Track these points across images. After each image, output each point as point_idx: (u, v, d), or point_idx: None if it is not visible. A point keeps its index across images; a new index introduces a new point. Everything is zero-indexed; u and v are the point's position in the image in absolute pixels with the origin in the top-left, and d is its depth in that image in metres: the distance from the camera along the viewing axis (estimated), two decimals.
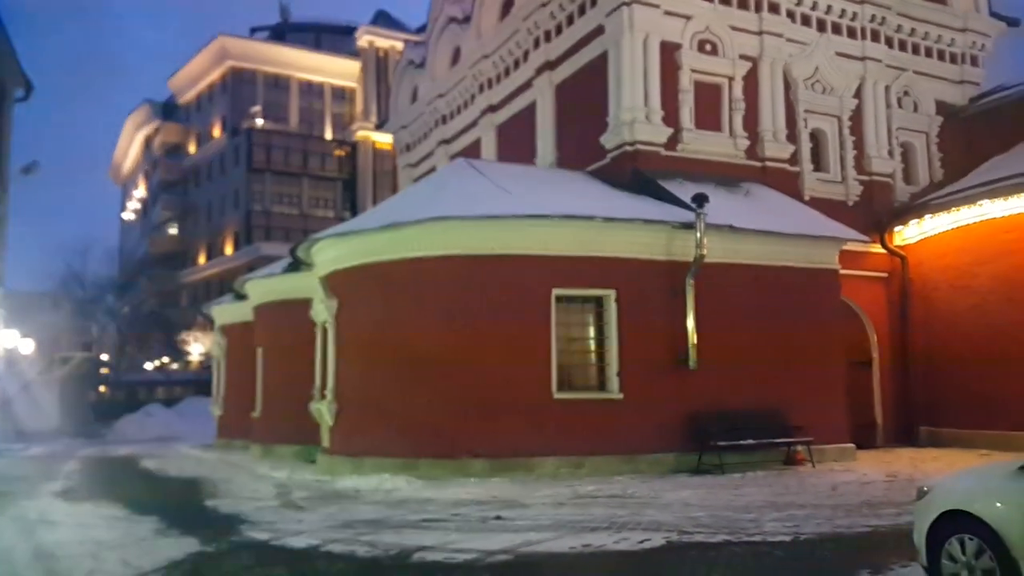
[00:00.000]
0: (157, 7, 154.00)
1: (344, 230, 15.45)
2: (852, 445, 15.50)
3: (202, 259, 55.92)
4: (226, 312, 23.62)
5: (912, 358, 18.36)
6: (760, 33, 17.96)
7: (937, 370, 17.76)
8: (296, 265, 17.09)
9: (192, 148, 59.28)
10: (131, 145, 70.24)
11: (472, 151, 23.03)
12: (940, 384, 17.64)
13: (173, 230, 60.14)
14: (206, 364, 42.78)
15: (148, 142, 64.96)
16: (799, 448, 14.47)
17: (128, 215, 72.40)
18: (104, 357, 54.62)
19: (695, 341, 14.06)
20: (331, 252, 15.06)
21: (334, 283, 14.95)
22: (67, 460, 20.22)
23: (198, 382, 42.39)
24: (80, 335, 57.58)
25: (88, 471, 17.64)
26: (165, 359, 51.13)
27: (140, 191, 68.00)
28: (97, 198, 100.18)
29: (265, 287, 19.84)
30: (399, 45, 45.88)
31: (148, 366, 51.51)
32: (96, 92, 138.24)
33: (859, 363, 17.92)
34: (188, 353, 48.44)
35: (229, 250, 52.60)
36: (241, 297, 21.56)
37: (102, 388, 49.18)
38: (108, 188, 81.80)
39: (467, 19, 23.45)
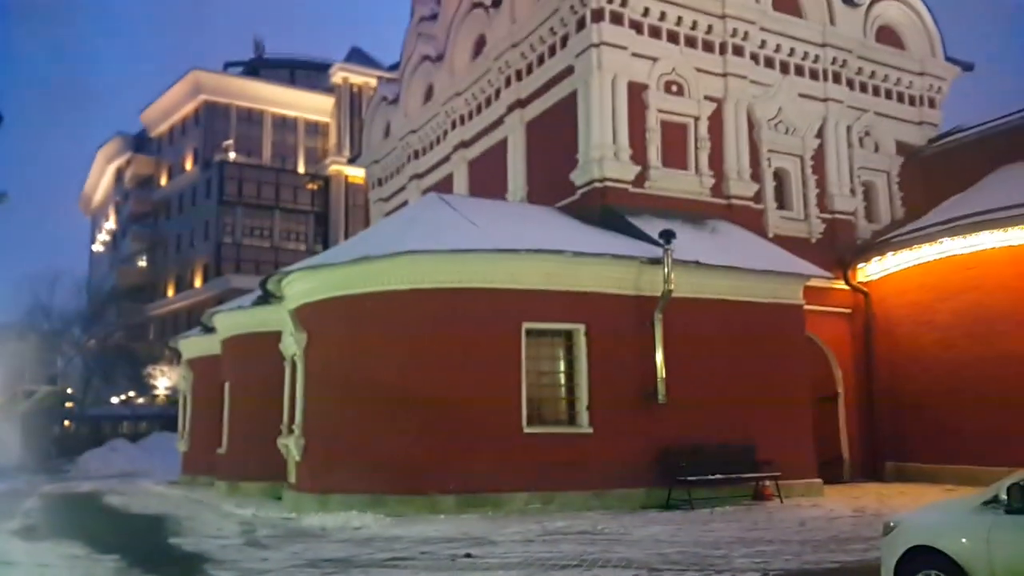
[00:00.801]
0: (133, 40, 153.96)
1: (315, 263, 15.46)
2: (819, 480, 15.64)
3: (171, 292, 55.33)
4: (193, 345, 23.37)
5: (877, 393, 18.65)
6: (724, 75, 18.45)
7: (902, 405, 18.04)
8: (266, 298, 17.00)
9: (163, 180, 58.96)
10: (102, 177, 69.71)
11: (444, 186, 23.20)
12: (905, 419, 17.91)
13: (142, 262, 59.55)
14: (173, 398, 42.10)
15: (119, 174, 64.53)
16: (767, 483, 14.58)
17: (97, 247, 71.59)
18: (69, 391, 53.53)
19: (664, 375, 14.18)
20: (302, 285, 15.04)
21: (304, 316, 14.91)
22: (28, 497, 19.73)
23: (164, 417, 41.70)
24: (45, 368, 56.41)
25: (49, 508, 17.22)
26: (131, 393, 50.24)
27: (110, 223, 67.37)
28: (67, 229, 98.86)
29: (233, 320, 19.69)
30: (373, 82, 46.27)
31: (114, 400, 50.57)
32: (68, 123, 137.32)
33: (825, 398, 18.18)
34: (155, 387, 47.65)
35: (198, 283, 52.13)
36: (209, 330, 21.36)
37: (66, 422, 48.14)
38: (78, 220, 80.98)
39: (440, 58, 23.78)
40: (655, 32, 17.80)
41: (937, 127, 21.80)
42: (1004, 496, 5.23)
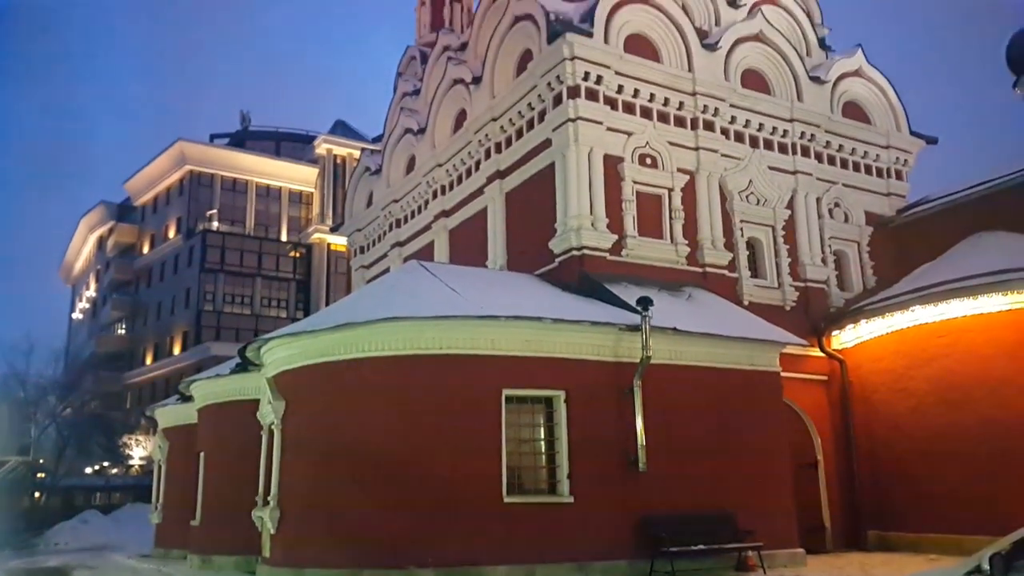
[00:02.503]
0: (121, 110, 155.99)
1: (296, 330, 15.49)
2: (802, 550, 15.51)
3: (149, 359, 54.79)
4: (170, 414, 23.11)
5: (857, 460, 18.67)
6: (697, 149, 19.03)
7: (882, 472, 18.07)
8: (244, 366, 16.96)
9: (146, 249, 59.02)
10: (84, 245, 69.67)
11: (425, 254, 23.47)
12: (886, 487, 17.93)
13: (121, 330, 59.10)
14: (148, 469, 41.25)
15: (101, 243, 64.55)
16: (750, 554, 14.47)
17: (77, 315, 71.04)
18: (41, 461, 52.26)
19: (644, 443, 14.16)
20: (281, 352, 15.04)
21: (282, 384, 14.87)
22: None
23: (138, 487, 40.78)
24: (17, 438, 55.08)
25: None
26: (106, 463, 49.16)
27: (90, 291, 67.04)
28: (46, 298, 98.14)
29: (211, 388, 19.56)
30: (356, 153, 46.99)
31: (88, 470, 49.41)
32: (51, 191, 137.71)
33: (805, 466, 18.17)
34: (130, 457, 46.73)
35: (177, 350, 51.71)
36: (186, 399, 21.18)
37: (37, 494, 46.87)
38: (58, 288, 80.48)
39: (422, 130, 24.36)
40: (629, 108, 18.41)
41: (904, 198, 22.47)
42: (986, 566, 5.23)
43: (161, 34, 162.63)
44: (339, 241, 44.54)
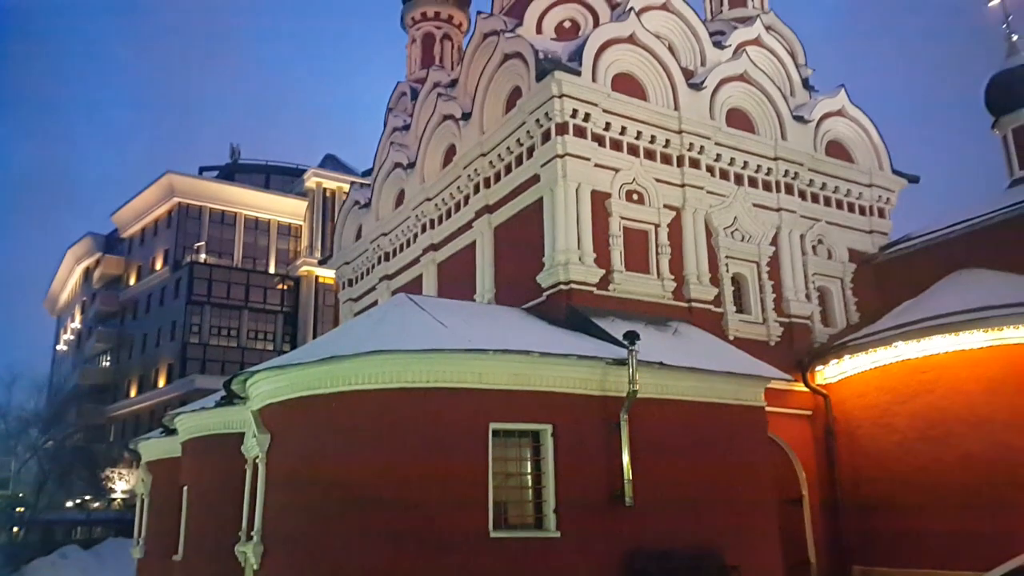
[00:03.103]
0: (111, 142, 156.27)
1: (282, 363, 15.46)
2: None
3: (134, 392, 54.29)
4: (153, 447, 22.89)
5: (842, 495, 18.69)
6: (683, 185, 19.31)
7: (867, 508, 18.05)
8: (229, 399, 16.88)
9: (132, 280, 58.81)
10: (70, 277, 69.36)
11: (414, 287, 23.55)
12: (870, 522, 17.90)
13: (106, 362, 58.61)
14: (130, 503, 40.68)
15: (87, 274, 64.29)
16: None
17: (61, 347, 70.45)
18: (20, 495, 51.43)
19: (631, 477, 14.13)
20: (267, 385, 14.99)
21: (267, 417, 14.82)
22: None
23: (120, 522, 40.19)
24: None
25: None
26: (87, 497, 48.41)
27: (75, 323, 66.60)
28: (30, 329, 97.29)
29: (195, 421, 19.42)
30: (345, 187, 47.35)
31: (68, 504, 48.62)
32: (38, 222, 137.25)
33: (790, 501, 18.19)
34: (112, 491, 46.06)
35: (162, 382, 51.29)
36: (170, 432, 21.02)
37: (15, 529, 46.05)
38: (42, 319, 79.86)
39: (412, 165, 24.59)
40: (616, 145, 18.70)
41: (887, 235, 22.80)
42: None
43: (153, 66, 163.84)
44: (327, 274, 44.63)
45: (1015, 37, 25.76)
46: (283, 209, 57.39)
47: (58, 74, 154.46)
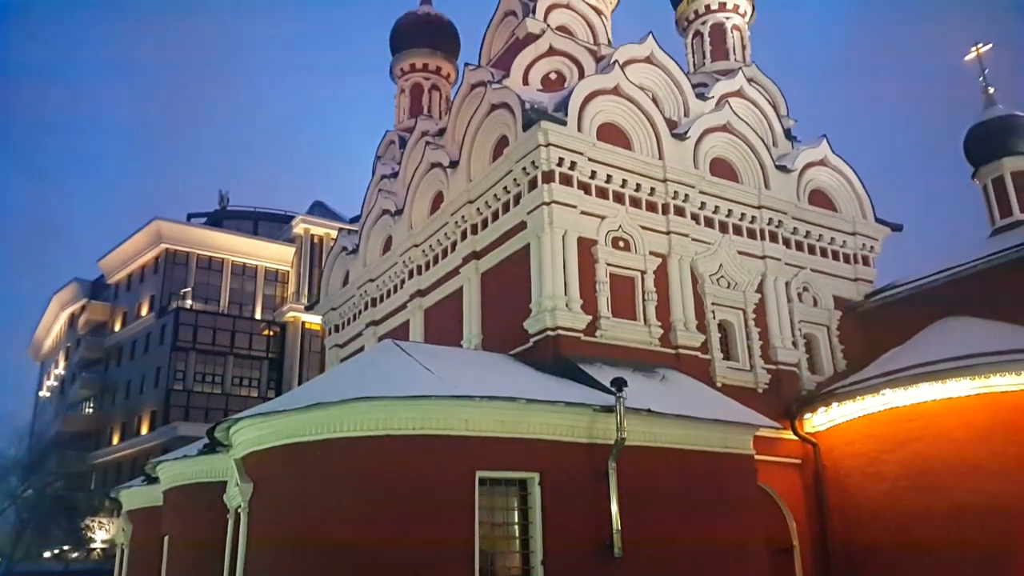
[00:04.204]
0: (97, 187, 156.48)
1: (266, 410, 15.27)
2: None
3: (116, 439, 53.47)
4: (135, 496, 22.46)
5: (832, 545, 18.46)
6: (668, 233, 19.48)
7: (857, 558, 17.85)
8: (212, 447, 16.62)
9: (117, 326, 58.36)
10: (55, 323, 68.82)
11: (400, 332, 23.47)
12: (862, 572, 17.70)
13: (89, 409, 57.80)
14: (110, 553, 39.73)
15: (73, 320, 63.81)
16: None
17: (44, 393, 69.53)
18: None
19: (619, 527, 13.97)
20: (250, 433, 14.79)
21: (250, 465, 14.58)
22: None
23: (100, 573, 39.16)
24: None
25: None
26: (66, 547, 47.24)
27: (59, 369, 65.88)
28: (13, 375, 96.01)
29: (178, 469, 19.11)
30: (333, 233, 47.43)
31: (47, 555, 47.40)
32: (22, 267, 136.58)
33: (780, 551, 17.95)
34: (91, 541, 45.00)
35: (145, 430, 50.59)
36: (152, 480, 20.66)
37: None
38: (26, 365, 78.94)
39: (399, 212, 24.72)
40: (602, 192, 18.89)
41: (872, 283, 22.97)
42: None
43: (143, 114, 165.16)
44: (313, 320, 44.44)
45: (992, 90, 26.42)
46: (270, 255, 57.40)
47: (48, 120, 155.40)
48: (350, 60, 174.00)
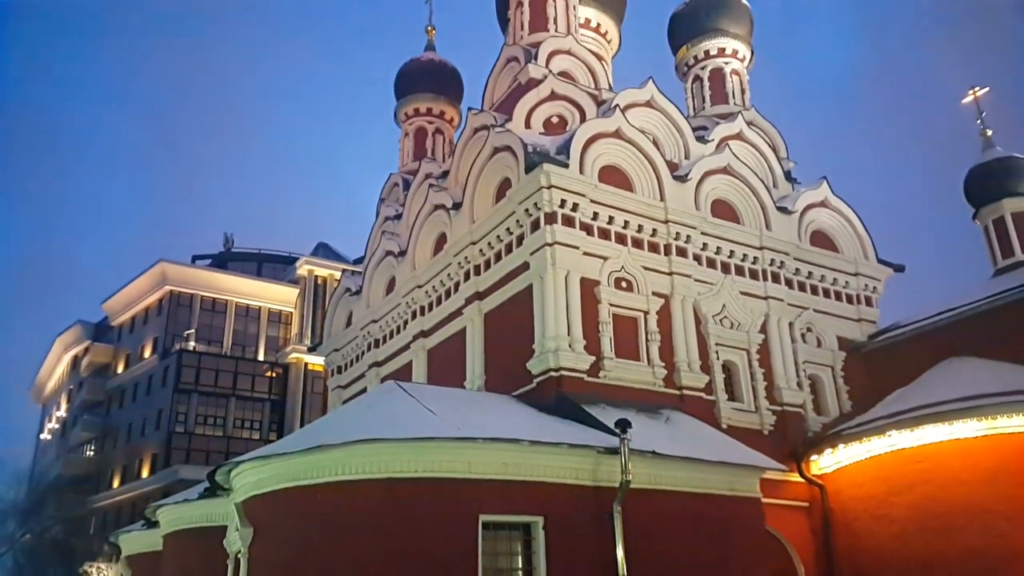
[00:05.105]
0: (104, 229, 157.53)
1: (267, 453, 15.16)
2: None
3: (116, 483, 52.94)
4: (134, 541, 22.21)
5: None
6: (670, 273, 19.54)
7: None
8: (213, 490, 16.47)
9: (120, 368, 58.20)
10: (58, 365, 68.66)
11: (403, 374, 23.41)
12: None
13: (90, 452, 57.37)
14: None
15: (76, 362, 63.66)
16: None
17: (45, 436, 69.11)
18: None
19: (625, 572, 13.74)
20: (251, 476, 14.66)
21: (251, 509, 14.43)
22: None
23: None
24: None
25: None
26: None
27: (61, 411, 65.53)
28: (14, 417, 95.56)
29: (177, 514, 18.91)
30: (337, 274, 47.58)
31: None
32: (25, 310, 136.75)
33: None
34: None
35: (146, 473, 50.10)
36: (152, 524, 20.44)
37: None
38: (27, 408, 78.59)
39: (403, 253, 24.83)
40: (604, 234, 19.00)
41: (875, 324, 22.93)
42: None
43: (149, 156, 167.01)
44: (316, 361, 44.26)
45: (989, 132, 26.68)
46: (274, 296, 57.46)
47: (54, 162, 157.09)
48: (355, 104, 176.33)
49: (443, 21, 34.19)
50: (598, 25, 28.95)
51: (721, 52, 27.51)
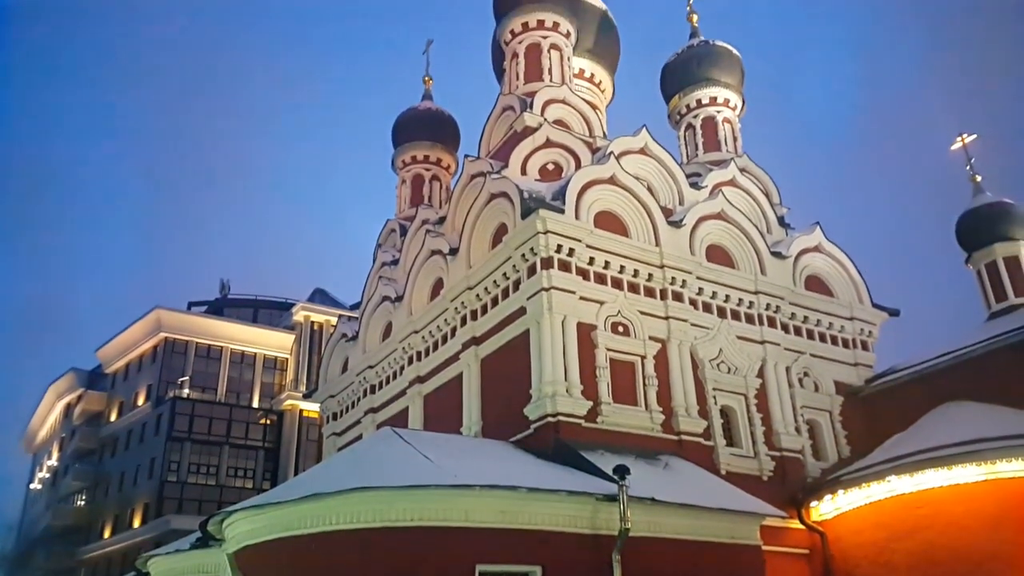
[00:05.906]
0: (99, 276, 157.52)
1: (260, 502, 14.97)
2: None
3: (107, 533, 52.06)
4: None
5: None
6: (667, 318, 19.58)
7: None
8: (205, 540, 16.21)
9: (113, 416, 57.67)
10: (50, 413, 68.04)
11: (399, 420, 23.24)
12: None
13: (80, 501, 56.49)
14: None
15: (68, 410, 63.11)
16: None
17: (36, 485, 68.12)
18: None
19: None
20: (244, 526, 14.45)
21: (243, 560, 14.19)
22: None
23: None
24: None
25: None
26: None
27: (52, 460, 64.71)
28: (4, 467, 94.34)
29: (168, 565, 18.56)
30: (333, 320, 47.37)
31: None
32: (18, 358, 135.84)
33: None
34: None
35: (137, 523, 49.30)
36: None
37: None
38: (18, 457, 77.60)
39: (399, 298, 24.87)
40: (600, 278, 19.09)
41: (872, 368, 22.93)
42: None
43: (145, 204, 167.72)
44: (311, 408, 44.06)
45: (979, 178, 27.03)
46: (270, 343, 57.26)
47: (48, 208, 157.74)
48: (353, 151, 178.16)
49: (440, 71, 34.85)
50: (592, 75, 29.51)
51: (713, 101, 27.98)
